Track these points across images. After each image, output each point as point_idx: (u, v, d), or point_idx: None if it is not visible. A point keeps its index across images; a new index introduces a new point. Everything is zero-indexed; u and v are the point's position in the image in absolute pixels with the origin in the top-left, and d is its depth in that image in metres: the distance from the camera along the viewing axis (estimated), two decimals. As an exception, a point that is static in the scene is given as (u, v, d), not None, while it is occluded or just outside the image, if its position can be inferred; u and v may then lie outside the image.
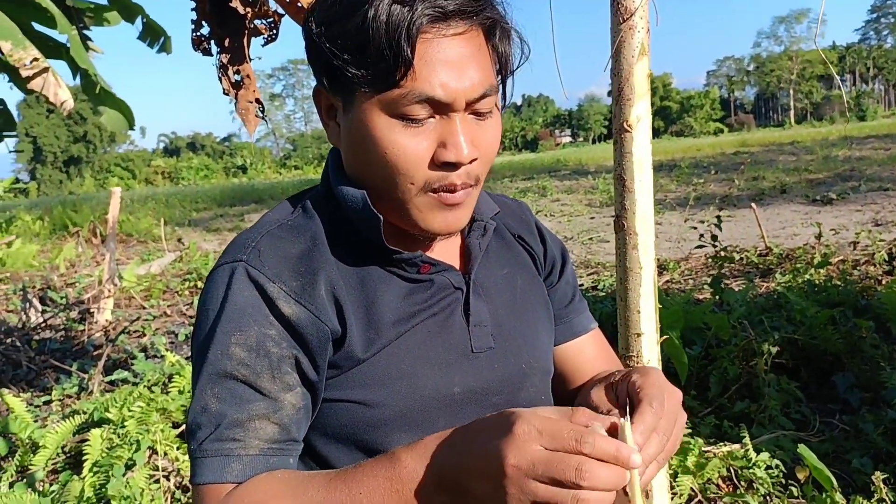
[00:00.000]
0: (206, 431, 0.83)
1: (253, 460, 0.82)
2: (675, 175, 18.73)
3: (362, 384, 0.89)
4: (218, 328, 0.85)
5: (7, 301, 7.93)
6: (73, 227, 16.54)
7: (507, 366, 0.97)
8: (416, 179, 0.86)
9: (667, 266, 6.33)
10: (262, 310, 0.85)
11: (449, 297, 0.96)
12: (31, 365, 5.38)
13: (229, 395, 0.84)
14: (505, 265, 1.04)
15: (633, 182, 1.43)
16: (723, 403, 3.55)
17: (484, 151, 0.88)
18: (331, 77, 0.88)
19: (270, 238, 0.90)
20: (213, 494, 0.81)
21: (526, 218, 1.13)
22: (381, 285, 0.92)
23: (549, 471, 0.66)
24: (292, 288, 0.86)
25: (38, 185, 71.98)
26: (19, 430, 3.84)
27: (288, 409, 0.85)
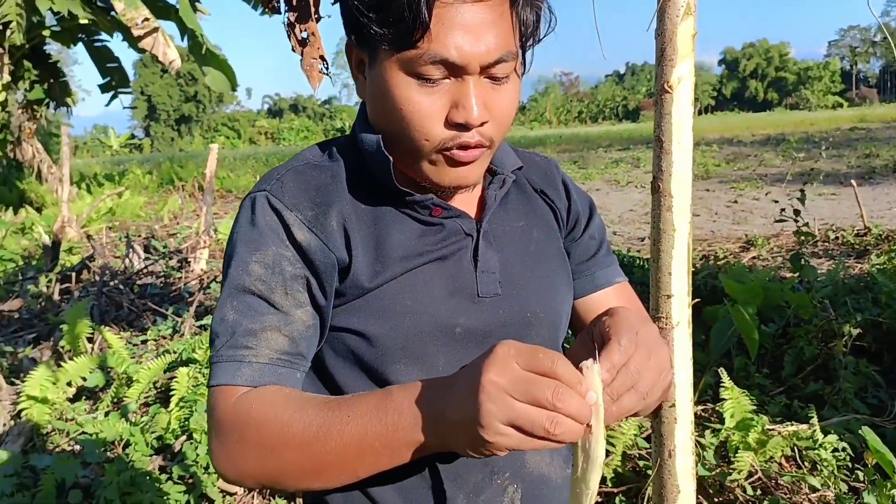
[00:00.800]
0: (223, 339, 0.91)
1: (262, 368, 0.89)
2: (781, 150, 17.91)
3: (366, 314, 0.94)
4: (241, 247, 0.93)
5: (115, 248, 8.48)
6: (179, 181, 17.40)
7: (511, 313, 1.00)
8: (431, 136, 0.90)
9: (755, 242, 6.13)
10: (279, 233, 0.92)
11: (459, 241, 0.99)
12: (131, 307, 5.76)
13: (246, 307, 0.91)
14: (523, 217, 1.07)
15: (670, 144, 1.41)
16: (796, 383, 3.45)
17: (498, 115, 0.91)
18: (357, 33, 0.93)
19: (294, 173, 0.97)
20: (225, 395, 0.88)
21: (552, 174, 1.15)
22: (392, 223, 0.97)
23: (528, 389, 0.70)
24: (307, 217, 0.93)
25: (152, 142, 75.70)
26: (116, 365, 4.14)
27: (298, 325, 0.92)
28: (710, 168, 14.62)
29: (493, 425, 0.71)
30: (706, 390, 3.36)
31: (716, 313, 3.81)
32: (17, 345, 5.13)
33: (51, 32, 13.65)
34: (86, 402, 4.05)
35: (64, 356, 4.51)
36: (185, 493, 3.02)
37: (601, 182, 14.90)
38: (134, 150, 56.99)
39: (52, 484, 3.04)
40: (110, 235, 9.74)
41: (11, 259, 8.26)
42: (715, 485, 2.80)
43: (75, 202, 12.85)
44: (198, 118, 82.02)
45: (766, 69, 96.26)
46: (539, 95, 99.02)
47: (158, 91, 78.02)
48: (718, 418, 3.13)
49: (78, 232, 9.33)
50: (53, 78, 14.52)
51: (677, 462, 1.49)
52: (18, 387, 4.01)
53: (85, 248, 8.46)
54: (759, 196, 10.06)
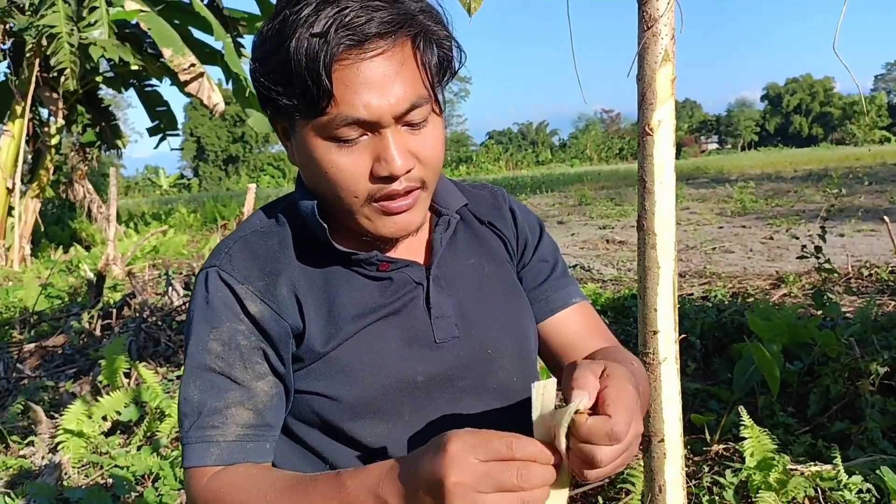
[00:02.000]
0: (190, 420, 0.93)
1: (230, 446, 0.92)
2: (822, 185, 17.61)
3: (325, 377, 0.96)
4: (197, 326, 0.96)
5: (156, 285, 8.72)
6: (221, 220, 17.80)
7: (472, 352, 1.01)
8: (359, 193, 0.91)
9: (785, 279, 6.05)
10: (233, 308, 0.95)
11: (410, 292, 1.00)
12: (168, 343, 5.92)
13: (208, 385, 0.93)
14: (472, 255, 1.08)
15: (653, 184, 1.47)
16: (821, 422, 3.39)
17: (424, 158, 0.92)
18: (272, 106, 0.95)
19: (242, 243, 1.00)
20: (197, 477, 0.92)
21: (498, 204, 1.15)
22: (342, 284, 0.99)
23: (493, 481, 0.71)
24: (258, 288, 0.95)
25: (200, 181, 77.53)
26: (150, 400, 4.26)
27: (261, 396, 0.95)
28: (747, 204, 14.45)
29: None
30: (729, 429, 3.32)
31: (741, 351, 3.77)
32: (59, 379, 5.30)
33: (103, 78, 14.24)
34: (120, 437, 4.16)
35: (101, 391, 4.66)
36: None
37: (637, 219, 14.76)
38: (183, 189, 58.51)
39: (83, 516, 3.13)
40: (152, 273, 10.01)
41: (58, 296, 8.55)
42: (734, 525, 2.76)
43: (122, 240, 13.25)
44: (244, 158, 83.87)
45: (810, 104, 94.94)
46: (579, 132, 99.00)
47: (207, 132, 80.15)
48: (740, 457, 3.09)
49: (122, 269, 9.61)
50: (105, 121, 15.10)
51: (668, 498, 1.52)
52: (57, 421, 4.15)
53: (128, 285, 8.71)
54: (797, 232, 9.90)
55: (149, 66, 12.93)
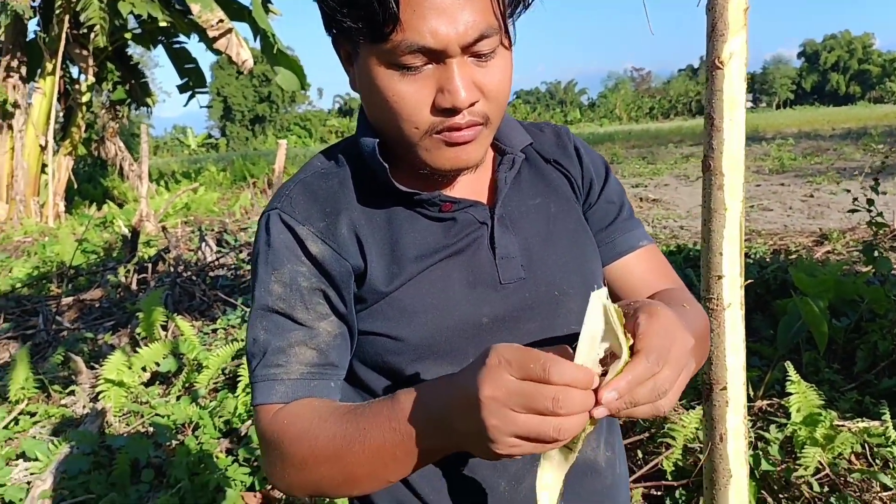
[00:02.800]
0: (256, 360, 0.94)
1: (294, 384, 0.92)
2: (862, 143, 17.19)
3: (388, 318, 0.95)
4: (260, 268, 0.95)
5: (189, 241, 8.79)
6: (251, 178, 17.87)
7: (538, 294, 0.98)
8: (420, 124, 0.88)
9: (829, 236, 5.91)
10: (294, 250, 0.94)
11: (474, 232, 0.98)
12: (203, 297, 5.97)
13: (273, 325, 0.94)
14: (538, 194, 1.04)
15: (721, 121, 1.40)
16: (868, 379, 3.32)
17: (489, 92, 0.88)
18: (337, 28, 0.91)
19: (302, 185, 0.98)
20: (264, 414, 0.92)
21: (562, 142, 1.11)
22: (405, 224, 0.96)
23: (526, 401, 0.68)
24: (318, 228, 0.94)
25: (227, 141, 77.90)
26: (188, 352, 4.31)
27: (323, 336, 0.94)
28: (785, 162, 14.14)
29: (501, 440, 0.70)
30: (772, 385, 3.27)
31: (785, 307, 3.70)
32: (97, 331, 5.38)
33: (132, 35, 14.23)
34: (159, 387, 4.22)
35: (140, 343, 4.72)
36: (250, 474, 3.12)
37: (670, 177, 14.60)
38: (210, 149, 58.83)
39: (126, 463, 3.19)
40: (185, 229, 10.09)
41: (94, 251, 8.66)
42: (780, 480, 2.72)
43: (153, 198, 13.38)
44: (271, 118, 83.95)
45: (848, 61, 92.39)
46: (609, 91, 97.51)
47: (234, 92, 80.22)
48: (785, 413, 3.05)
49: (155, 226, 9.70)
50: (135, 79, 15.13)
51: (729, 446, 1.47)
52: (97, 371, 4.21)
53: (161, 241, 8.79)
54: (836, 190, 9.67)
55: (177, 21, 12.88)
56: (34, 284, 7.07)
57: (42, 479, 3.14)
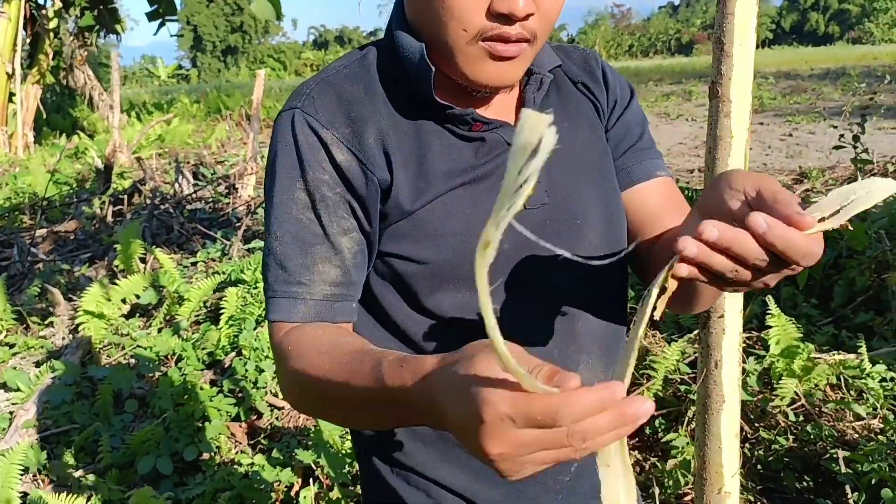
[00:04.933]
0: (275, 273, 0.90)
1: (317, 304, 0.89)
2: (840, 83, 17.22)
3: (410, 237, 0.91)
4: (280, 174, 0.90)
5: (165, 173, 8.64)
6: (226, 110, 17.51)
7: (560, 221, 0.96)
8: (470, 26, 0.83)
9: (808, 174, 5.96)
10: (317, 155, 0.88)
11: (501, 154, 0.94)
12: (181, 230, 5.89)
13: (292, 238, 0.89)
14: (564, 119, 1.00)
15: (731, 46, 1.37)
16: (845, 314, 3.39)
17: (544, 9, 0.85)
18: None
19: (325, 85, 0.92)
20: (278, 329, 0.89)
21: (591, 66, 1.07)
22: (433, 139, 0.92)
23: (542, 446, 0.57)
24: (344, 135, 0.89)
25: (199, 73, 75.98)
26: (168, 284, 4.26)
27: (346, 253, 0.90)
28: (765, 101, 14.15)
29: (519, 475, 0.59)
30: (752, 319, 3.32)
31: (765, 243, 3.73)
32: (73, 263, 5.31)
33: (99, -42, 13.63)
34: (139, 319, 4.19)
35: (118, 275, 4.66)
36: (235, 405, 3.14)
37: (651, 115, 14.56)
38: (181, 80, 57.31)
39: (109, 393, 3.18)
40: (160, 161, 9.90)
41: (66, 182, 8.48)
42: (757, 410, 2.79)
43: (126, 129, 13.04)
44: (244, 49, 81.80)
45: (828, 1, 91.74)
46: (589, 28, 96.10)
47: (204, 21, 77.81)
48: (763, 346, 3.11)
49: (129, 157, 9.50)
50: (103, 5, 14.55)
51: (724, 373, 1.49)
52: (76, 303, 4.16)
53: (136, 172, 8.63)
54: (815, 129, 9.72)
55: (146, -55, 12.35)
56: (6, 216, 6.92)
57: (25, 408, 3.13)
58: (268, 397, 3.22)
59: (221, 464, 2.81)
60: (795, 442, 2.65)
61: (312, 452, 2.59)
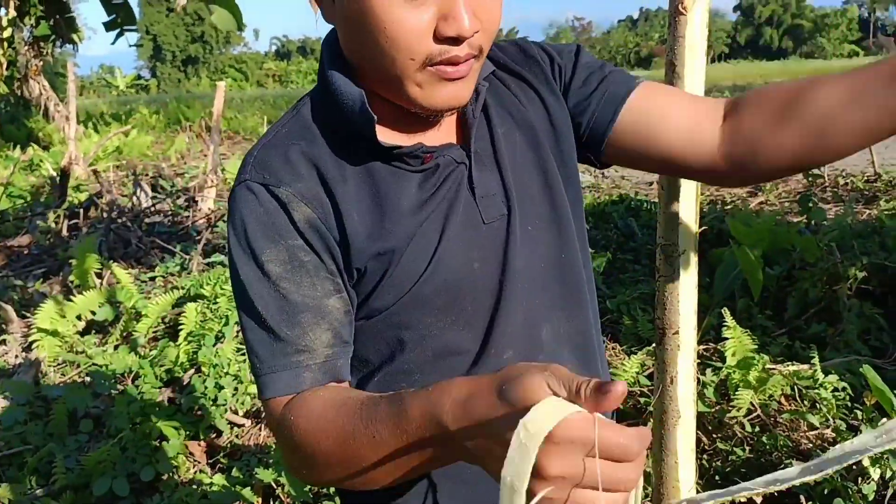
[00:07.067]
0: (268, 348, 0.86)
1: (321, 367, 0.86)
2: (794, 98, 17.65)
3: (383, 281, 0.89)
4: (246, 249, 0.87)
5: (122, 186, 8.50)
6: (186, 121, 17.30)
7: (516, 229, 0.94)
8: (417, 54, 0.82)
9: (763, 187, 6.10)
10: (279, 220, 0.86)
11: (453, 175, 0.92)
12: (139, 244, 5.80)
13: (279, 310, 0.86)
14: (503, 124, 0.98)
15: (683, 68, 1.40)
16: (798, 325, 3.47)
17: (486, 23, 0.84)
18: None
19: (267, 149, 0.90)
20: (276, 405, 0.85)
21: (527, 52, 1.04)
22: (389, 179, 0.90)
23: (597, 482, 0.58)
24: (298, 189, 0.87)
25: (158, 83, 74.98)
26: (125, 300, 4.19)
27: (336, 314, 0.88)
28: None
29: None
30: (708, 331, 3.38)
31: (721, 256, 3.81)
32: (27, 279, 5.18)
33: (54, -33, 13.39)
34: (95, 336, 4.11)
35: (73, 291, 4.57)
36: (194, 423, 3.09)
37: (611, 128, 14.76)
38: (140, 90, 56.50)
39: (63, 413, 3.11)
40: (118, 174, 9.74)
41: (20, 195, 8.29)
42: (714, 421, 2.84)
43: (82, 140, 12.80)
44: (204, 59, 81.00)
45: (782, 16, 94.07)
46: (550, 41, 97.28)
47: (164, 31, 76.91)
48: (720, 357, 3.16)
49: (85, 170, 9.32)
50: (59, 14, 14.27)
51: (679, 388, 1.51)
52: (29, 320, 4.07)
53: (92, 185, 8.47)
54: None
55: (104, -46, 12.17)
56: (-44, 229, 6.74)
57: (-25, 430, 3.05)
58: (227, 415, 3.18)
59: (179, 484, 2.76)
60: (752, 452, 2.69)
61: (273, 471, 2.56)
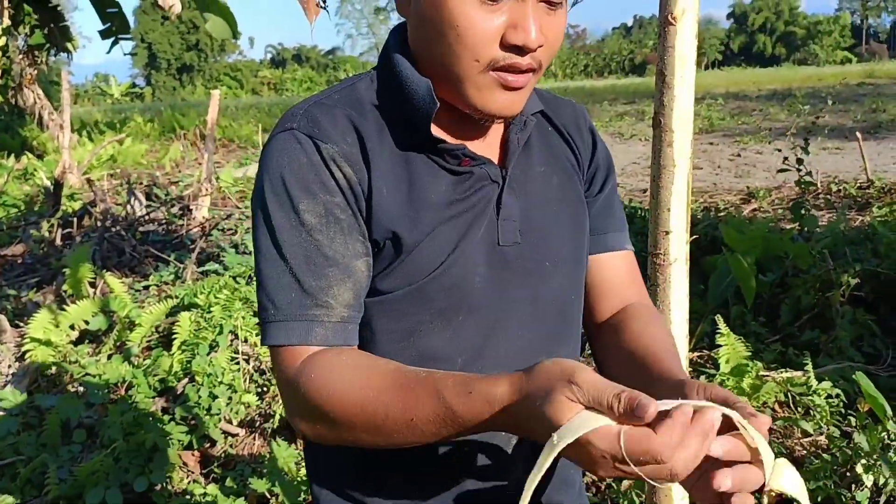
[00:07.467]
0: (288, 296, 0.87)
1: (335, 327, 0.87)
2: (787, 104, 17.74)
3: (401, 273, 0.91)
4: (282, 196, 0.88)
5: (116, 194, 8.48)
6: (181, 129, 17.30)
7: (530, 261, 0.98)
8: (482, 57, 0.85)
9: (756, 194, 6.12)
10: (322, 175, 0.88)
11: (484, 189, 0.95)
12: (133, 253, 5.78)
13: (306, 260, 0.87)
14: (543, 163, 1.03)
15: (673, 78, 1.41)
16: (792, 332, 3.48)
17: (550, 41, 0.88)
18: None
19: (318, 106, 0.92)
20: (292, 357, 0.87)
21: (579, 122, 1.10)
22: (423, 168, 0.93)
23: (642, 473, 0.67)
24: (343, 150, 0.89)
25: (153, 91, 74.95)
26: (119, 309, 4.17)
27: (359, 276, 0.89)
28: (714, 122, 14.50)
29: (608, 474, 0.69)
30: (703, 338, 3.39)
31: (715, 263, 3.82)
32: (20, 289, 5.17)
33: (49, -24, 13.40)
34: (88, 346, 4.09)
35: (66, 300, 4.55)
36: (188, 433, 3.08)
37: (605, 135, 14.81)
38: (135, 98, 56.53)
39: (56, 423, 3.10)
40: (112, 182, 9.73)
41: (14, 205, 8.28)
42: (708, 429, 2.84)
43: (76, 149, 12.79)
44: (199, 67, 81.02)
45: (774, 23, 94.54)
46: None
47: (159, 39, 76.95)
48: (714, 365, 3.17)
49: (79, 178, 9.31)
50: (54, 22, 14.25)
51: (670, 397, 1.52)
52: (22, 329, 4.05)
53: (86, 194, 8.46)
54: (763, 150, 9.98)
55: (99, -37, 12.18)
56: (-51, 239, 6.72)
57: (-33, 440, 3.03)
58: (221, 424, 3.17)
59: (173, 494, 2.75)
60: (746, 459, 2.69)
61: (266, 481, 2.56)
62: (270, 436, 3.10)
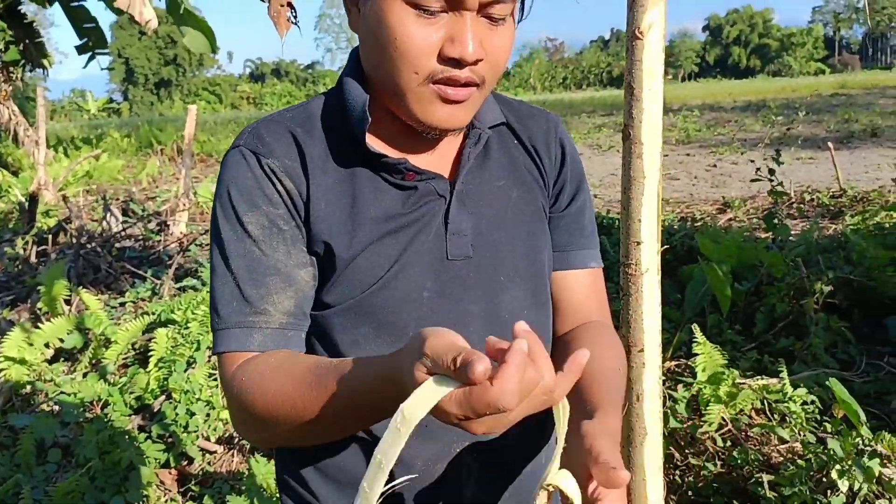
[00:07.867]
0: (229, 305, 0.91)
1: (274, 333, 0.90)
2: (761, 115, 17.98)
3: (339, 285, 0.93)
4: (230, 209, 0.92)
5: (92, 211, 8.41)
6: (158, 144, 17.20)
7: (483, 276, 0.98)
8: (421, 69, 0.87)
9: (731, 204, 6.19)
10: (266, 188, 0.91)
11: (430, 203, 0.96)
12: (109, 270, 5.73)
13: (248, 270, 0.91)
14: (503, 177, 1.03)
15: (641, 91, 1.41)
16: (767, 340, 3.52)
17: (492, 55, 0.89)
18: None
19: (268, 122, 0.96)
20: (230, 362, 0.90)
21: (548, 131, 1.09)
22: (366, 184, 0.95)
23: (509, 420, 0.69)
24: (286, 165, 0.92)
25: (130, 106, 74.50)
26: (94, 326, 4.13)
27: (301, 285, 0.92)
28: (690, 133, 14.67)
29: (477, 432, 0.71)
30: (680, 347, 3.41)
31: (691, 272, 3.85)
32: (-7, 307, 5.10)
33: (24, -8, 13.31)
34: (64, 364, 4.04)
35: (41, 318, 4.49)
36: (165, 451, 3.04)
37: (583, 147, 14.93)
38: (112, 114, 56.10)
39: (31, 443, 3.05)
40: (87, 198, 9.65)
41: (-13, 222, 8.18)
42: (686, 436, 2.86)
43: (52, 165, 12.65)
44: (178, 82, 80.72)
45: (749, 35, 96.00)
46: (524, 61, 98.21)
47: (136, 54, 76.61)
48: (691, 373, 3.19)
49: (55, 195, 9.22)
50: (29, 39, 14.14)
51: (645, 406, 1.53)
52: (-4, 348, 3.99)
53: (62, 210, 8.38)
54: (738, 160, 10.10)
55: (74, -22, 12.13)
56: (-79, 257, 6.61)
57: (-62, 462, 2.98)
58: (199, 441, 3.14)
59: (149, 513, 2.71)
60: (723, 467, 2.71)
61: (245, 498, 2.53)
62: (249, 452, 3.07)
